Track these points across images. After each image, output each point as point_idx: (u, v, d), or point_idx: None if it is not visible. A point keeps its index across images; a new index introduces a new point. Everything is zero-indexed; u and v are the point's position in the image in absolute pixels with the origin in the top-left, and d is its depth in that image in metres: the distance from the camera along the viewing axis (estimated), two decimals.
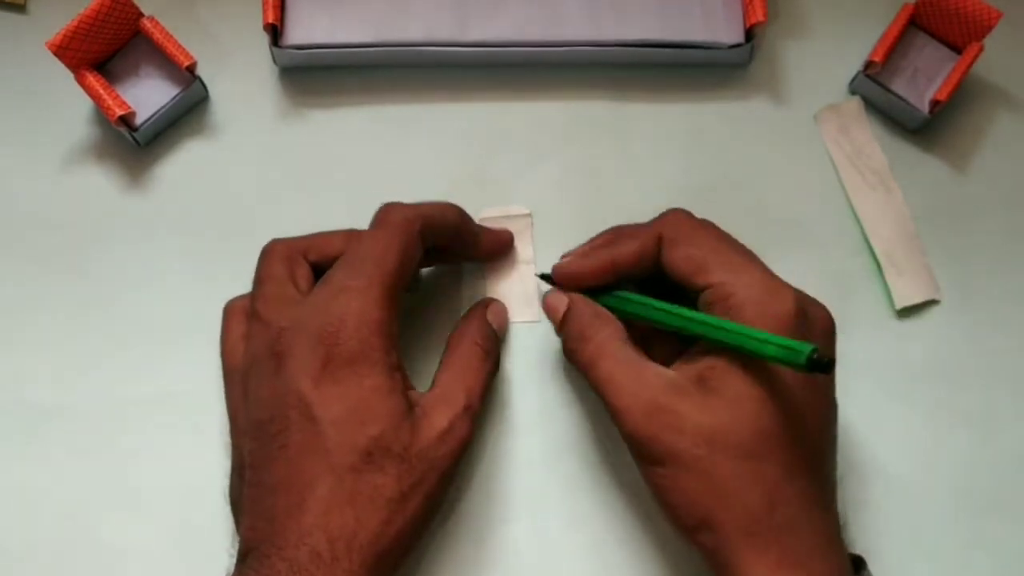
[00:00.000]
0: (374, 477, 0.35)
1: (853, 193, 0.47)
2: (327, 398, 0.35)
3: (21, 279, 0.45)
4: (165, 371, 0.44)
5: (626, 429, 0.36)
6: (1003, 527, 0.42)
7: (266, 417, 0.36)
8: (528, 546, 0.41)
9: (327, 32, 0.46)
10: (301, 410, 0.35)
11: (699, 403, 0.35)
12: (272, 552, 0.34)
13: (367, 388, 0.36)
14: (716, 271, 0.37)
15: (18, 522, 0.42)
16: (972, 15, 0.45)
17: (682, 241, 0.39)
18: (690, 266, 0.38)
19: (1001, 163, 0.47)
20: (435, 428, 0.37)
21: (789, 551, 0.34)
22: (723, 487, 0.35)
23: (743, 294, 0.36)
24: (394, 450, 0.35)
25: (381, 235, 0.38)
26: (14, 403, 0.43)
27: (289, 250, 0.40)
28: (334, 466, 0.35)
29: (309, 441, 0.35)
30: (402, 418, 0.36)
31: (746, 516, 0.34)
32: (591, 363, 0.38)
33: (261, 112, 0.48)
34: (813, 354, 0.33)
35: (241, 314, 0.41)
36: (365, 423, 0.35)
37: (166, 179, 0.46)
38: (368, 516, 0.35)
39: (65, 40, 0.43)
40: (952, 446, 0.43)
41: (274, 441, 0.36)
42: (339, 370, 0.35)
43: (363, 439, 0.35)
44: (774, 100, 0.48)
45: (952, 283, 0.45)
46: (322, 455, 0.35)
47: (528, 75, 0.48)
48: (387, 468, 0.35)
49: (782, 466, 0.35)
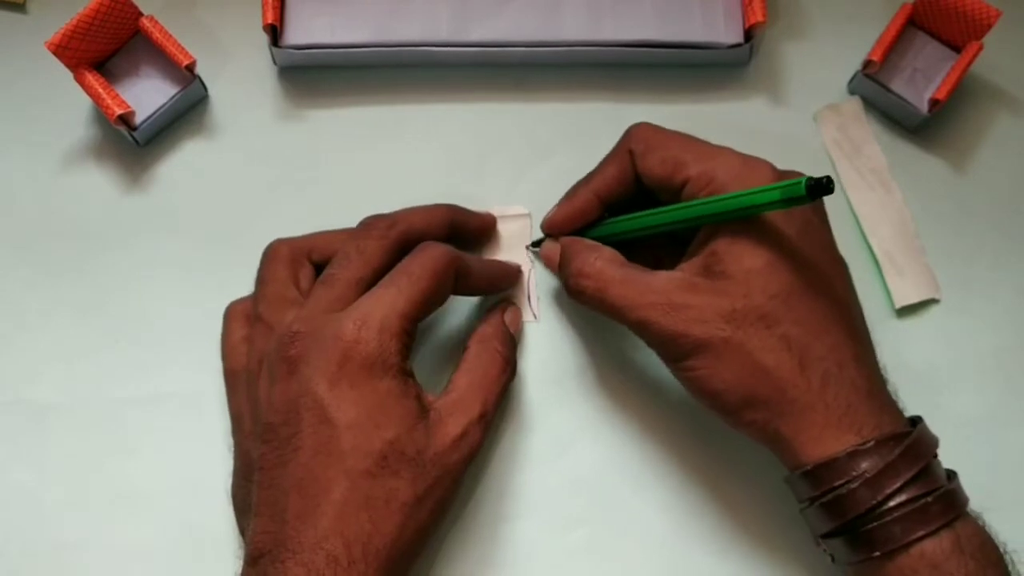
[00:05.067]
0: (389, 481, 0.35)
1: (852, 193, 0.47)
2: (343, 401, 0.35)
3: (21, 279, 0.45)
4: (165, 371, 0.44)
5: (651, 337, 0.37)
6: (1003, 527, 0.42)
7: (279, 420, 0.36)
8: (532, 543, 0.41)
9: (326, 32, 0.46)
10: (316, 412, 0.35)
11: (711, 289, 0.36)
12: (287, 557, 0.34)
13: (382, 392, 0.36)
14: (692, 164, 0.38)
15: (18, 522, 0.42)
16: (971, 14, 0.45)
17: (653, 148, 0.40)
18: (667, 167, 0.39)
19: (1000, 162, 0.47)
20: (450, 434, 0.37)
21: (833, 409, 0.35)
22: (754, 360, 0.36)
23: (723, 176, 0.38)
24: (408, 454, 0.35)
25: (427, 261, 0.38)
26: (14, 403, 0.43)
27: (292, 251, 0.40)
28: (349, 470, 0.35)
29: (324, 444, 0.35)
30: (416, 422, 0.36)
31: (782, 382, 0.35)
32: (599, 295, 0.39)
33: (260, 112, 0.47)
34: (810, 181, 0.34)
35: (242, 317, 0.41)
36: (381, 427, 0.35)
37: (165, 179, 0.46)
38: (383, 520, 0.35)
39: (64, 40, 0.43)
40: (952, 446, 0.43)
41: (288, 444, 0.35)
42: (355, 374, 0.35)
43: (379, 443, 0.35)
44: (773, 100, 0.48)
45: (952, 283, 0.45)
46: (337, 458, 0.35)
47: (528, 75, 0.48)
48: (402, 472, 0.35)
49: (805, 326, 0.36)
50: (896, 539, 0.34)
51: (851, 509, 0.35)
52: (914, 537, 0.34)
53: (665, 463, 0.43)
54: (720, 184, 0.37)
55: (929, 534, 0.34)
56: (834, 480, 0.35)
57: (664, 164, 0.39)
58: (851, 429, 0.35)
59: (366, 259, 0.38)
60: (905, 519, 0.34)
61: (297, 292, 0.39)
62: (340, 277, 0.38)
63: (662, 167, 0.39)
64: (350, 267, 0.38)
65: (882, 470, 0.34)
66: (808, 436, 0.35)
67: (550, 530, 0.42)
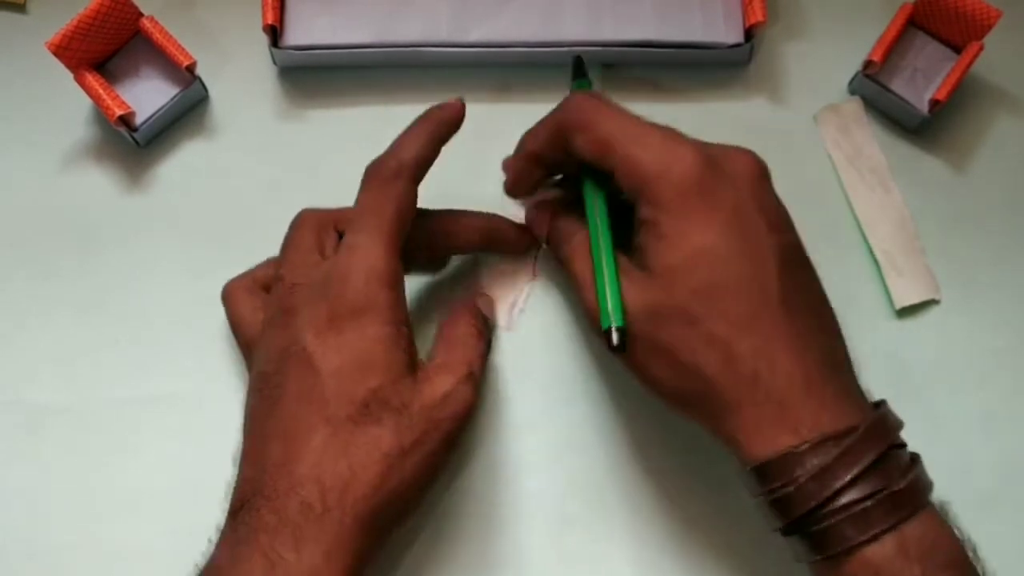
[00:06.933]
0: (371, 429, 0.34)
1: (852, 193, 0.47)
2: (328, 349, 0.35)
3: (21, 279, 0.45)
4: (165, 370, 0.44)
5: (593, 326, 0.37)
6: (1003, 527, 0.42)
7: (271, 369, 0.36)
8: (529, 547, 0.41)
9: (326, 33, 0.46)
10: (302, 360, 0.35)
11: (639, 282, 0.36)
12: (262, 504, 0.33)
13: (369, 339, 0.35)
14: (619, 147, 0.36)
15: (18, 522, 0.42)
16: (971, 14, 0.45)
17: (584, 127, 0.37)
18: (597, 150, 0.37)
19: (1001, 163, 0.47)
20: (438, 390, 0.36)
21: (765, 408, 0.33)
22: (680, 359, 0.35)
23: (647, 164, 0.35)
24: (393, 404, 0.35)
25: (375, 188, 0.38)
26: (14, 403, 0.43)
27: (319, 220, 0.40)
28: (330, 417, 0.34)
29: (307, 391, 0.35)
30: (403, 373, 0.36)
31: (711, 382, 0.34)
32: (566, 264, 0.40)
33: (260, 112, 0.48)
34: (607, 329, 0.34)
35: (244, 292, 0.40)
36: (365, 375, 0.35)
37: (166, 179, 0.46)
38: (363, 468, 0.34)
39: (65, 40, 0.43)
40: (952, 446, 0.43)
41: (273, 392, 0.35)
42: (344, 322, 0.35)
43: (362, 390, 0.35)
44: (774, 100, 0.48)
45: (952, 283, 0.45)
46: (319, 405, 0.34)
47: (528, 75, 0.48)
48: (385, 421, 0.35)
49: (730, 322, 0.34)
50: (841, 542, 0.32)
51: (795, 508, 0.33)
52: (856, 543, 0.32)
53: (659, 467, 0.42)
54: (643, 175, 0.35)
55: (871, 539, 0.32)
56: (776, 480, 0.33)
57: (593, 146, 0.37)
58: (787, 428, 0.33)
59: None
60: (848, 522, 0.32)
61: (320, 258, 0.39)
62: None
63: (591, 149, 0.37)
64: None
65: (822, 471, 0.32)
66: (746, 435, 0.34)
67: (545, 533, 0.42)
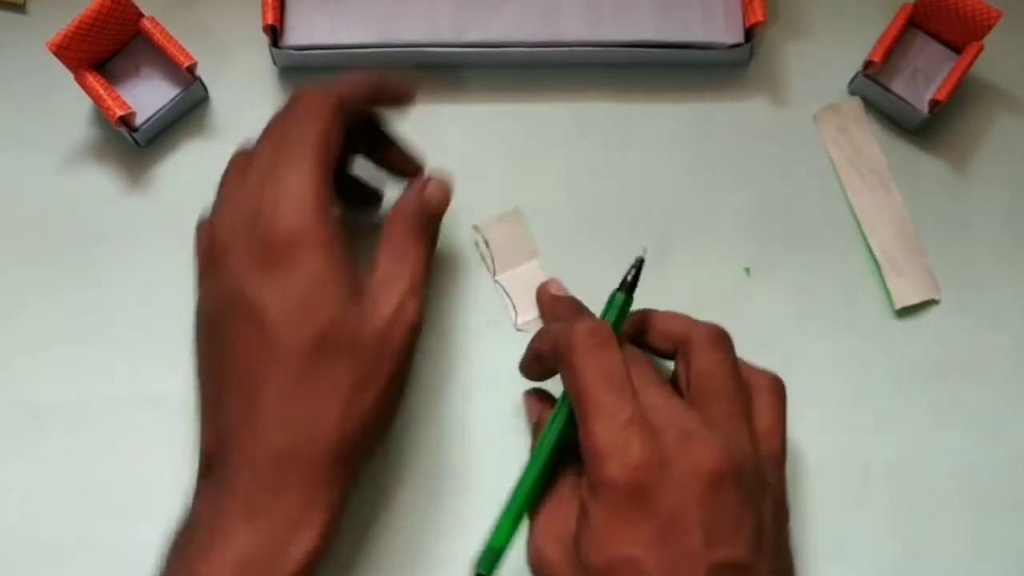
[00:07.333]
0: (326, 369, 0.34)
1: (852, 193, 0.47)
2: (269, 291, 0.34)
3: (21, 279, 0.45)
4: (165, 371, 0.44)
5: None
6: (1003, 527, 0.42)
7: (212, 319, 0.35)
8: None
9: (327, 33, 0.46)
10: (243, 306, 0.34)
11: (567, 549, 0.33)
12: (232, 459, 0.33)
13: (310, 275, 0.34)
14: (582, 404, 0.32)
15: (18, 522, 0.42)
16: (972, 15, 0.45)
17: (569, 366, 0.34)
18: (571, 392, 0.33)
19: (1001, 163, 0.47)
20: (383, 312, 0.35)
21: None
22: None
23: (597, 439, 0.31)
24: (344, 338, 0.34)
25: (301, 114, 0.37)
26: (14, 403, 0.43)
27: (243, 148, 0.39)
28: (283, 362, 0.34)
29: (255, 338, 0.34)
30: (349, 304, 0.35)
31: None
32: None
33: (261, 113, 0.47)
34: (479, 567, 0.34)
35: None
36: (309, 314, 0.34)
37: (166, 179, 0.46)
38: (326, 409, 0.33)
39: (65, 40, 0.43)
40: (952, 446, 0.43)
41: (222, 343, 0.35)
42: (280, 258, 0.34)
43: (309, 331, 0.34)
44: (774, 100, 0.48)
45: (952, 283, 0.45)
46: (270, 351, 0.34)
47: (528, 75, 0.48)
48: (339, 357, 0.34)
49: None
50: None
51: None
52: None
53: None
54: (590, 449, 0.32)
55: None
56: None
57: (570, 387, 0.34)
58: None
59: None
60: None
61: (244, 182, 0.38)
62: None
63: (568, 386, 0.34)
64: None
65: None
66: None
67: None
